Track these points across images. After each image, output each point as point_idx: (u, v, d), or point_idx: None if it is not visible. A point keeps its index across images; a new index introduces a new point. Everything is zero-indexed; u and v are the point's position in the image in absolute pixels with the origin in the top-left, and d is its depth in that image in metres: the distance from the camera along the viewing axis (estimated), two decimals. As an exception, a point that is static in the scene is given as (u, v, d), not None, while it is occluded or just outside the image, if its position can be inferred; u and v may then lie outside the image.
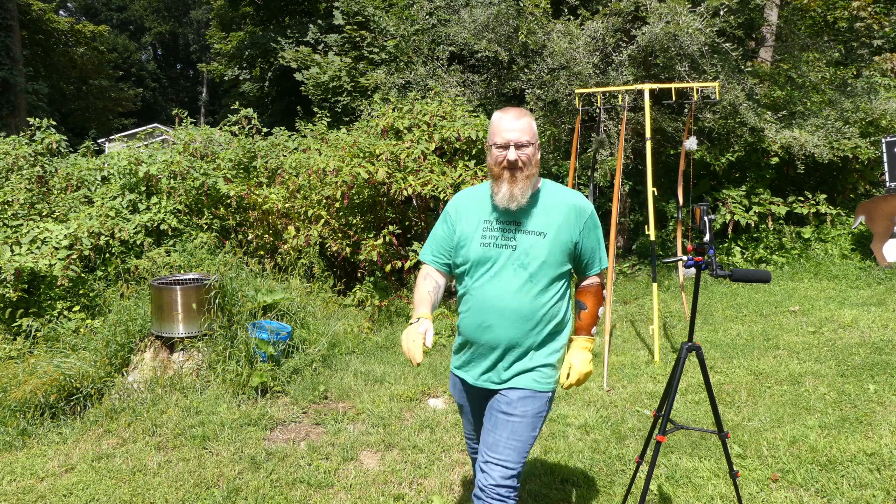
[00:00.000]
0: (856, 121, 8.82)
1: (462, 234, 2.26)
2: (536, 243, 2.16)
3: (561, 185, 2.31)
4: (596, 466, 3.47)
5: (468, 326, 2.26)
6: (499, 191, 2.16)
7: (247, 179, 7.97)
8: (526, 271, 2.16)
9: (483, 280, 2.20)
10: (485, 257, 2.19)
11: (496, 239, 2.19)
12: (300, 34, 18.27)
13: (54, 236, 6.24)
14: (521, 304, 2.17)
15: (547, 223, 2.19)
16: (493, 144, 2.16)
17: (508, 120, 2.15)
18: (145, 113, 38.18)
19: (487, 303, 2.19)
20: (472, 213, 2.27)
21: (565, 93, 8.28)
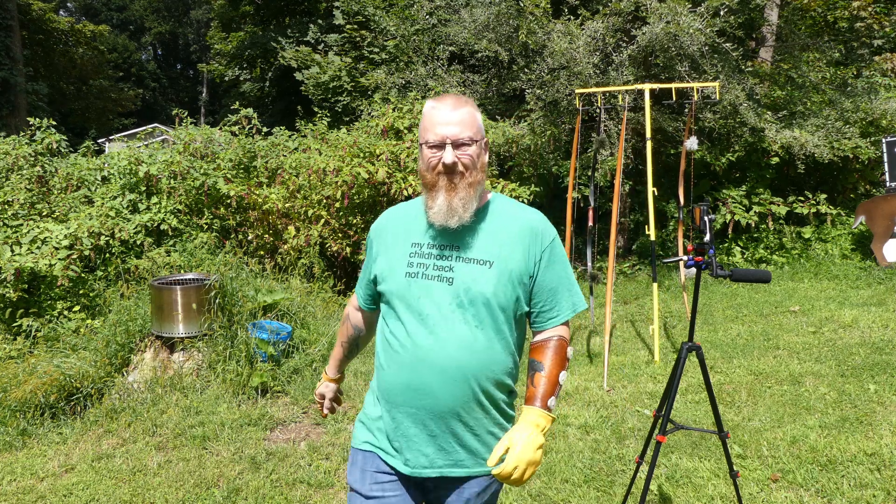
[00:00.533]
0: (856, 121, 8.82)
1: (384, 263, 1.73)
2: (481, 275, 1.63)
3: (515, 201, 1.79)
4: (596, 466, 3.47)
5: (392, 387, 1.67)
6: (433, 203, 1.64)
7: (247, 179, 7.97)
8: (468, 312, 1.62)
9: (412, 324, 1.64)
10: (411, 292, 1.65)
11: (427, 268, 1.66)
12: (300, 34, 18.27)
13: (54, 236, 6.24)
14: (467, 358, 1.61)
15: (495, 248, 1.66)
16: (424, 143, 1.65)
17: (444, 111, 1.64)
18: (145, 113, 38.18)
19: (420, 355, 1.62)
20: (398, 235, 1.75)
21: (565, 93, 8.28)
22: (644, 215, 9.35)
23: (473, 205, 1.66)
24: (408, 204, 1.85)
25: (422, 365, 1.63)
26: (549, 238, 1.72)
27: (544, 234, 1.72)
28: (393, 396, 1.68)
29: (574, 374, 5.05)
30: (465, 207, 1.64)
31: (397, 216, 1.82)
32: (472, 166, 1.65)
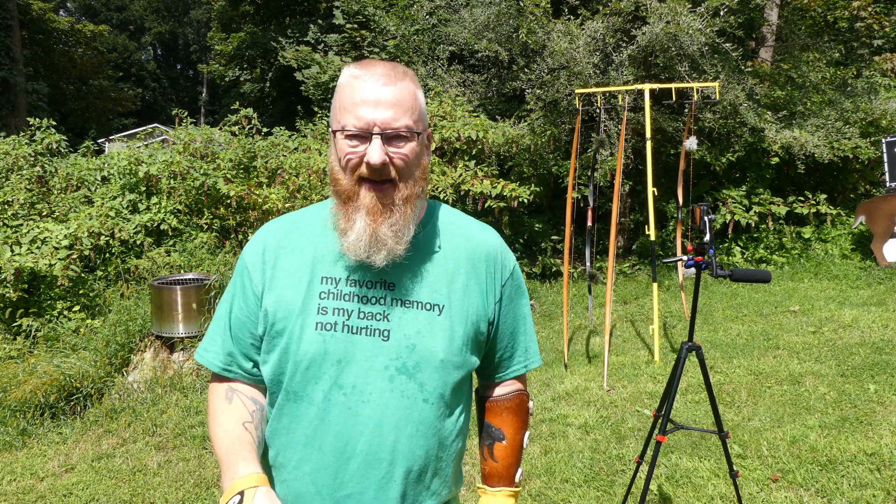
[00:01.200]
0: (856, 121, 8.83)
1: (275, 305, 1.17)
2: (428, 325, 1.16)
3: (460, 213, 1.32)
4: (596, 466, 3.47)
5: (304, 497, 1.17)
6: (349, 226, 1.13)
7: (247, 179, 7.97)
8: (412, 381, 1.15)
9: (328, 403, 1.14)
10: (326, 357, 1.14)
11: (348, 315, 1.15)
12: (300, 34, 18.28)
13: (54, 236, 6.24)
14: (414, 447, 1.16)
15: (444, 285, 1.19)
16: (339, 129, 1.11)
17: (372, 83, 1.09)
18: (145, 113, 38.18)
19: (348, 450, 1.14)
20: (298, 262, 1.19)
21: (565, 93, 8.28)
22: (644, 215, 9.35)
23: (410, 231, 1.14)
24: (301, 215, 1.26)
25: (348, 465, 1.14)
26: (510, 266, 1.28)
27: (505, 261, 1.27)
28: (305, 498, 1.17)
29: (574, 374, 5.06)
30: (399, 236, 1.12)
31: (290, 231, 1.23)
32: (409, 171, 1.13)
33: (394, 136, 1.10)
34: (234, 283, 1.25)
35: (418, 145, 1.14)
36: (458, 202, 8.38)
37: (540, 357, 1.37)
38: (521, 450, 1.33)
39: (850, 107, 8.90)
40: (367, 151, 1.09)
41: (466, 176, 6.98)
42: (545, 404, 4.42)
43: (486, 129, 7.74)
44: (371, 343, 1.14)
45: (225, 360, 1.23)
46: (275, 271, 1.19)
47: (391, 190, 1.12)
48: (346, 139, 1.10)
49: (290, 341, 1.15)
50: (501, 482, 1.29)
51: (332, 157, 1.15)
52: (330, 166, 1.17)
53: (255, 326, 1.21)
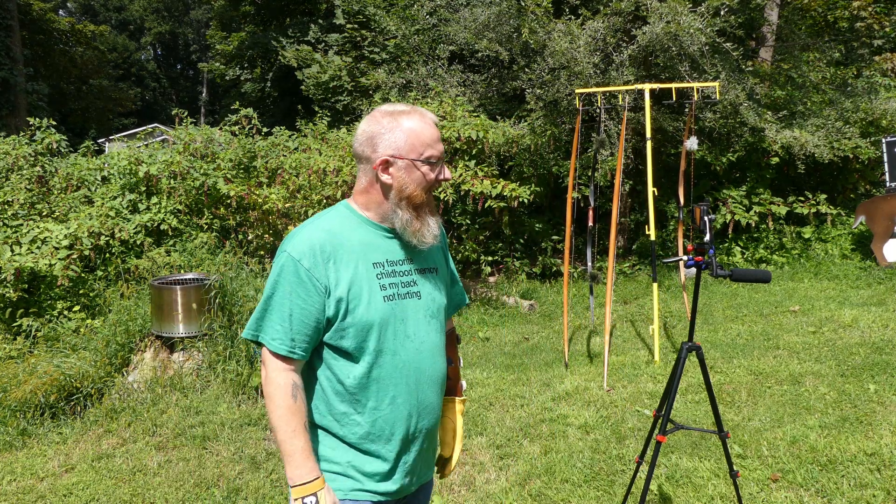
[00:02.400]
0: (856, 121, 8.83)
1: (347, 292, 1.52)
2: (435, 282, 1.69)
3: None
4: (596, 466, 3.47)
5: (395, 421, 1.58)
6: (421, 224, 1.57)
7: (247, 179, 7.97)
8: (438, 321, 1.68)
9: (399, 349, 1.58)
10: (395, 316, 1.57)
11: (398, 287, 1.60)
12: (301, 34, 18.27)
13: (54, 236, 6.24)
14: (441, 364, 1.69)
15: (432, 254, 1.71)
16: (422, 158, 1.54)
17: (433, 127, 1.58)
18: (145, 113, 38.18)
19: (421, 378, 1.61)
20: (353, 255, 1.55)
21: (565, 93, 8.28)
22: (644, 215, 9.35)
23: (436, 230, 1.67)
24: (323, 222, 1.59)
25: (424, 386, 1.62)
26: (443, 233, 1.79)
27: (443, 230, 1.76)
28: (400, 430, 1.59)
29: (574, 374, 5.06)
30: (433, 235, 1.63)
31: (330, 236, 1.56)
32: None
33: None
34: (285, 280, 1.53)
35: None
36: (459, 202, 8.38)
37: (466, 296, 1.94)
38: (460, 366, 1.91)
39: (850, 107, 8.90)
40: (443, 171, 1.59)
41: (467, 176, 6.98)
42: (545, 404, 4.42)
43: (486, 129, 7.74)
44: (414, 302, 1.62)
45: (290, 345, 1.52)
46: (337, 265, 1.53)
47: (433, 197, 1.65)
48: (427, 166, 1.56)
49: (368, 313, 1.53)
50: (459, 392, 1.86)
51: (408, 178, 1.55)
52: (403, 185, 1.56)
53: (321, 314, 1.53)
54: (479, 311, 7.39)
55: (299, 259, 1.50)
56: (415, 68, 10.67)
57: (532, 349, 5.95)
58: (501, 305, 7.67)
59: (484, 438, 3.90)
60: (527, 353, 5.80)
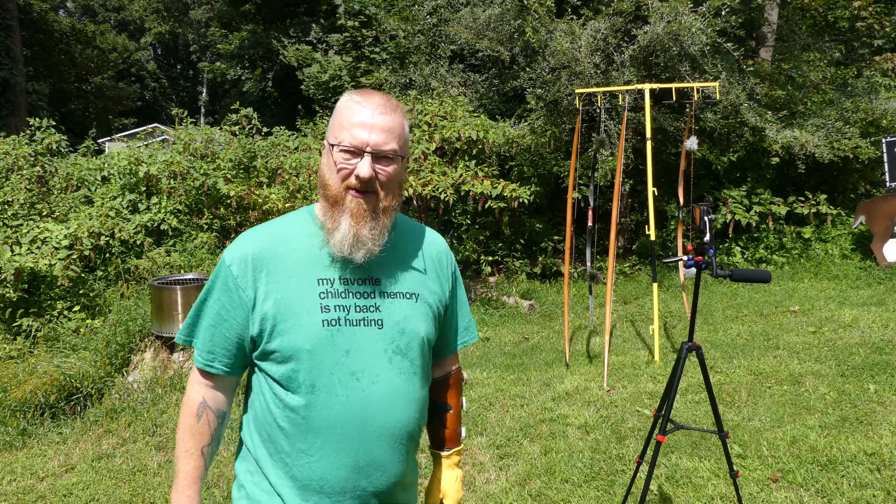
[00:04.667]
0: (856, 121, 8.83)
1: (274, 310, 1.30)
2: (411, 311, 1.38)
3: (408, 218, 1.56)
4: (596, 466, 3.47)
5: (328, 474, 1.31)
6: (334, 227, 1.30)
7: (247, 179, 7.97)
8: (406, 359, 1.36)
9: (341, 387, 1.30)
10: (333, 345, 1.29)
11: (348, 311, 1.32)
12: (303, 33, 18.28)
13: (54, 236, 6.24)
14: (404, 415, 1.36)
15: (414, 278, 1.42)
16: (336, 143, 1.30)
17: (371, 111, 1.30)
18: (145, 113, 38.18)
19: (368, 426, 1.31)
20: (294, 266, 1.33)
21: (566, 93, 8.28)
22: (644, 215, 9.35)
23: (386, 236, 1.34)
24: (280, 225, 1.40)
25: (371, 440, 1.32)
26: (453, 261, 1.55)
27: (451, 257, 1.54)
28: (330, 485, 1.31)
29: (574, 374, 5.06)
30: (376, 240, 1.32)
31: (275, 240, 1.36)
32: (390, 186, 1.33)
33: (382, 157, 1.31)
34: (217, 286, 1.36)
35: (400, 167, 1.36)
36: (459, 202, 8.38)
37: (477, 335, 1.64)
38: (461, 413, 1.62)
39: (850, 107, 8.90)
40: (358, 166, 1.29)
41: (467, 176, 6.98)
42: (545, 404, 4.41)
43: (486, 129, 7.74)
44: (371, 333, 1.34)
45: (207, 358, 1.37)
46: (269, 277, 1.32)
47: (374, 199, 1.32)
48: (341, 152, 1.30)
49: (300, 338, 1.29)
50: (452, 444, 1.58)
51: (325, 165, 1.34)
52: (321, 172, 1.35)
53: (244, 330, 1.34)
54: (479, 311, 7.39)
55: (230, 265, 1.33)
56: (417, 68, 10.68)
57: (532, 349, 5.95)
58: (501, 305, 7.67)
59: (484, 438, 3.90)
60: (527, 353, 5.79)
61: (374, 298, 1.35)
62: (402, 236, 1.45)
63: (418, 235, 1.49)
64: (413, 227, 1.51)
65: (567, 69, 8.13)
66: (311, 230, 1.37)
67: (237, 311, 1.33)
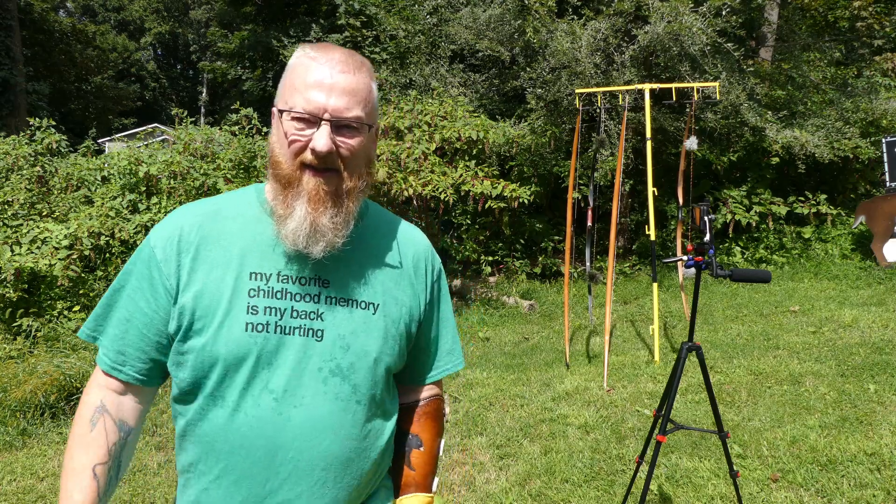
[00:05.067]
0: (856, 121, 8.83)
1: (194, 304, 1.06)
2: (364, 324, 1.12)
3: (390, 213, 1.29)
4: (596, 466, 3.47)
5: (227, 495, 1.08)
6: (287, 214, 1.06)
7: (247, 179, 7.97)
8: (346, 383, 1.10)
9: (250, 405, 1.06)
10: (257, 359, 1.06)
11: (281, 314, 1.07)
12: (303, 33, 18.29)
13: (54, 236, 6.24)
14: (336, 450, 1.09)
15: (379, 283, 1.16)
16: (286, 109, 1.05)
17: (329, 68, 1.05)
18: (145, 113, 38.20)
19: (277, 458, 1.06)
20: (214, 256, 1.09)
21: (566, 93, 8.28)
22: (644, 215, 9.35)
23: (350, 225, 1.10)
24: (225, 201, 1.16)
25: (278, 472, 1.06)
26: (438, 268, 1.27)
27: (434, 262, 1.26)
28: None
29: (574, 374, 5.05)
30: (338, 228, 1.07)
31: (213, 219, 1.12)
32: (355, 163, 1.08)
33: (344, 126, 1.06)
34: (137, 270, 1.10)
35: (367, 139, 1.10)
36: (459, 202, 8.38)
37: (463, 359, 1.32)
38: (437, 457, 1.26)
39: (850, 107, 8.90)
40: (314, 137, 1.04)
41: (467, 176, 6.98)
42: (545, 404, 4.42)
43: (486, 129, 7.74)
44: (304, 343, 1.08)
45: (115, 360, 1.10)
46: (195, 263, 1.08)
47: (335, 179, 1.07)
48: (292, 121, 1.05)
49: (215, 342, 1.05)
50: (419, 488, 1.22)
51: (275, 137, 1.09)
52: (270, 147, 1.10)
53: (163, 323, 1.08)
54: (479, 311, 7.39)
55: (154, 246, 1.09)
56: (417, 68, 10.68)
57: (532, 349, 5.95)
58: (501, 305, 7.67)
59: (484, 438, 3.90)
60: (527, 353, 5.79)
61: (318, 303, 1.09)
62: (370, 230, 1.19)
63: (393, 230, 1.23)
64: (388, 219, 1.25)
65: (567, 69, 8.13)
66: (258, 214, 1.13)
67: (160, 301, 1.08)
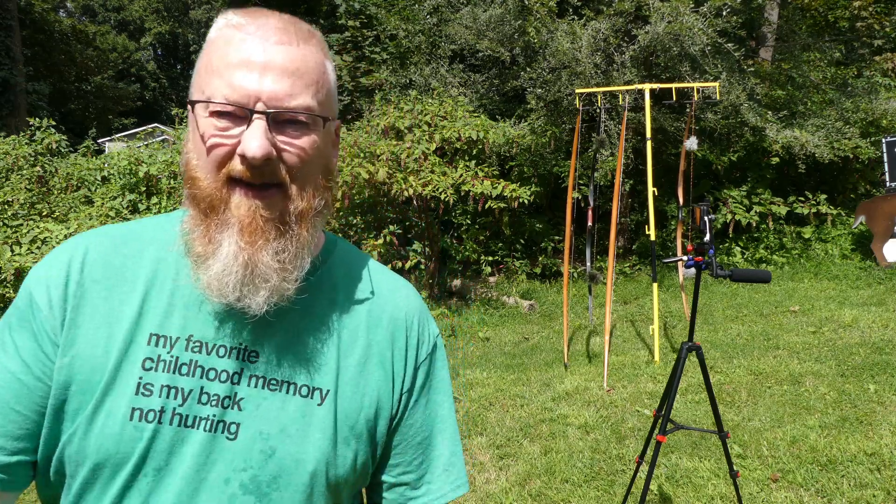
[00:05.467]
0: (856, 121, 8.84)
1: (69, 370, 0.74)
2: (301, 419, 0.78)
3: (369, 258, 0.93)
4: (596, 466, 3.47)
5: None
6: (210, 251, 0.74)
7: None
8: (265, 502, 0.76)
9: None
10: (138, 455, 0.73)
11: (183, 400, 0.75)
12: (301, 34, 18.31)
13: (54, 236, 6.24)
14: None
15: (333, 361, 0.81)
16: (204, 100, 0.73)
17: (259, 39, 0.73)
18: (145, 113, 38.21)
19: None
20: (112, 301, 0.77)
21: (566, 93, 8.29)
22: (644, 215, 9.35)
23: (304, 264, 0.77)
24: (136, 230, 0.82)
25: None
26: (430, 341, 0.89)
27: (424, 333, 0.89)
28: None
29: (574, 374, 5.06)
30: (287, 270, 0.75)
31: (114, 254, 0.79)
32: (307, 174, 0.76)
33: (287, 121, 0.73)
34: (12, 321, 0.77)
35: (323, 139, 0.77)
36: (459, 203, 8.38)
37: (467, 482, 0.90)
38: None
39: (850, 107, 8.91)
40: (244, 138, 0.70)
41: (467, 176, 6.98)
42: (545, 404, 4.42)
43: (486, 129, 7.75)
44: (210, 442, 0.74)
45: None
46: (79, 316, 0.75)
47: (279, 199, 0.74)
48: (211, 117, 0.72)
49: (85, 434, 0.72)
50: None
51: (191, 144, 0.75)
52: (184, 158, 0.76)
53: (44, 393, 0.74)
54: (479, 311, 7.39)
55: (33, 290, 0.76)
56: (418, 68, 10.69)
57: (532, 349, 5.95)
58: (501, 305, 7.67)
59: (484, 438, 3.90)
60: (527, 353, 5.80)
61: (236, 385, 0.76)
62: (329, 281, 0.84)
63: (364, 284, 0.87)
64: (359, 265, 0.89)
65: (567, 69, 8.13)
66: (177, 252, 0.79)
67: (39, 367, 0.74)
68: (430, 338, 0.90)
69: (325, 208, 0.80)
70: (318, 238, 0.85)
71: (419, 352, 0.88)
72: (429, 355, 0.89)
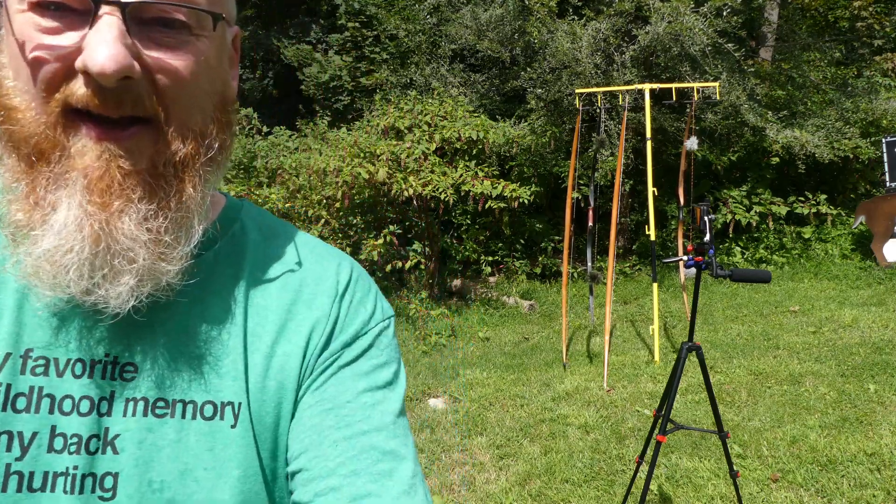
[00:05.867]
0: (856, 121, 8.84)
1: None
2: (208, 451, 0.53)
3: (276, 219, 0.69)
4: (596, 466, 3.47)
5: None
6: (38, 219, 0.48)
7: (247, 180, 7.98)
8: None
9: None
10: None
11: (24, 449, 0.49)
12: (303, 34, 18.31)
13: (55, 236, 6.25)
14: None
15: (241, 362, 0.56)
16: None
17: None
18: None
19: None
20: None
21: (566, 93, 8.29)
22: (644, 215, 9.36)
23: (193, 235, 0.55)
24: None
25: None
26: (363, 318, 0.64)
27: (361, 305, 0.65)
28: None
29: (574, 374, 5.06)
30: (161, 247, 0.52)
31: None
32: (189, 102, 0.54)
33: (155, 20, 0.50)
34: None
35: (213, 49, 0.55)
36: (459, 203, 8.38)
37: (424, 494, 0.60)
38: None
39: (850, 107, 8.91)
40: (87, 44, 0.47)
41: (467, 176, 6.98)
42: (545, 404, 4.42)
43: (486, 129, 7.75)
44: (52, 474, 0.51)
45: None
46: None
47: (147, 141, 0.51)
48: (32, 11, 0.48)
49: None
50: None
51: (4, 54, 0.51)
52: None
53: None
54: (479, 311, 7.39)
55: None
56: (418, 68, 10.69)
57: (532, 349, 5.95)
58: (501, 305, 7.67)
59: (484, 438, 3.90)
60: (527, 353, 5.80)
61: (108, 416, 0.53)
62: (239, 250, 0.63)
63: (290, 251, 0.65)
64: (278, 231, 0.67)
65: (567, 69, 8.13)
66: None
67: None
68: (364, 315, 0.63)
69: (222, 154, 0.58)
70: (212, 199, 0.62)
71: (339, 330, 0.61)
72: (356, 337, 0.62)
